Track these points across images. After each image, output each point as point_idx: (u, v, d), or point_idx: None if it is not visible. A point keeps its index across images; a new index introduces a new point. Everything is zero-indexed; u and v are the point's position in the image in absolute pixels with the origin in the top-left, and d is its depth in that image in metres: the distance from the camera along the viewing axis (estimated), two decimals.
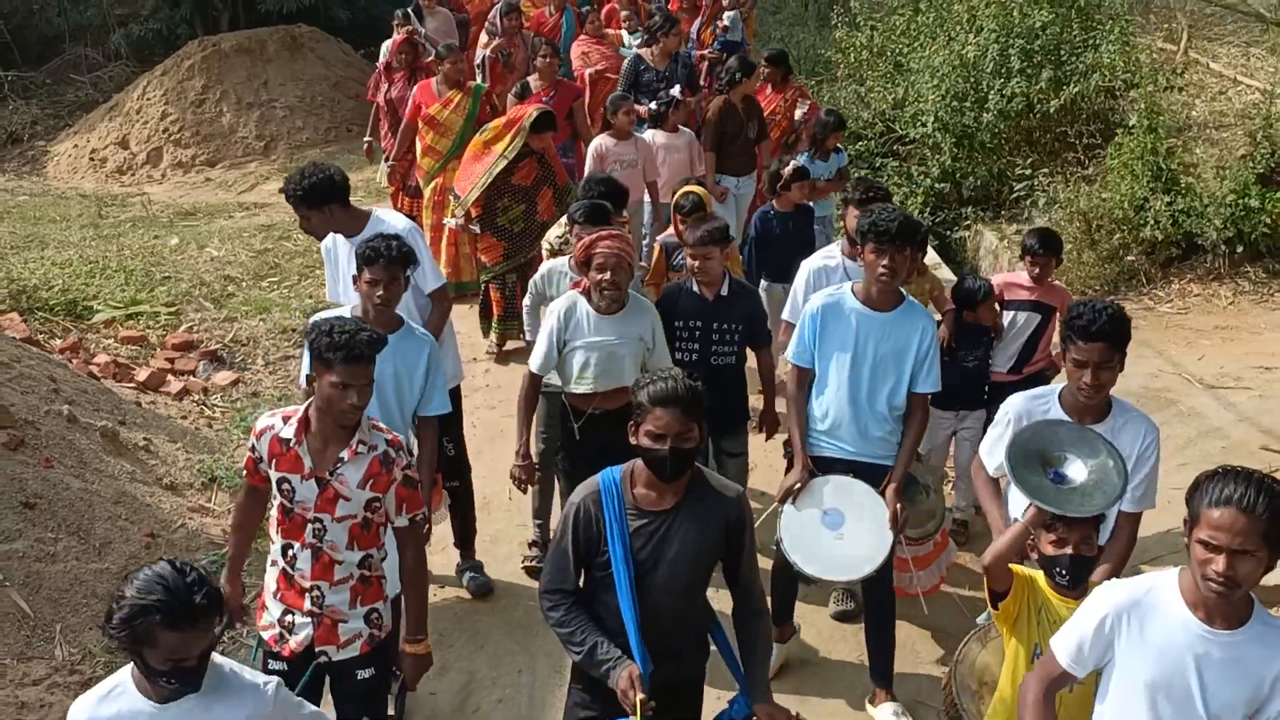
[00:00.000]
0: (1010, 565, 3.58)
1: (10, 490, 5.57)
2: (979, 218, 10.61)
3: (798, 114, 9.54)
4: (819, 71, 13.04)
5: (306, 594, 3.80)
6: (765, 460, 6.56)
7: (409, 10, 10.98)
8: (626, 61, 9.55)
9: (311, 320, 4.21)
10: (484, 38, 10.43)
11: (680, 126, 8.47)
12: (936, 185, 10.71)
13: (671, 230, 6.62)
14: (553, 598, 3.50)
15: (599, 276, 4.97)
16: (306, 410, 3.76)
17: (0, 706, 4.63)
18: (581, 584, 3.56)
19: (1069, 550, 3.50)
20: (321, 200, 5.19)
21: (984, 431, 5.42)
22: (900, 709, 4.92)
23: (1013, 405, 4.19)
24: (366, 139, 10.49)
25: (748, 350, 5.65)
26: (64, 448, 6.02)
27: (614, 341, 5.06)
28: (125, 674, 3.03)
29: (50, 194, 12.90)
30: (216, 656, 3.08)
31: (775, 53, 9.73)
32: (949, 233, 10.73)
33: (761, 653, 3.64)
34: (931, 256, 9.00)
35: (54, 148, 14.40)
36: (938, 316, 5.91)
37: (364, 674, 3.87)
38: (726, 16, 11.59)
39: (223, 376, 7.85)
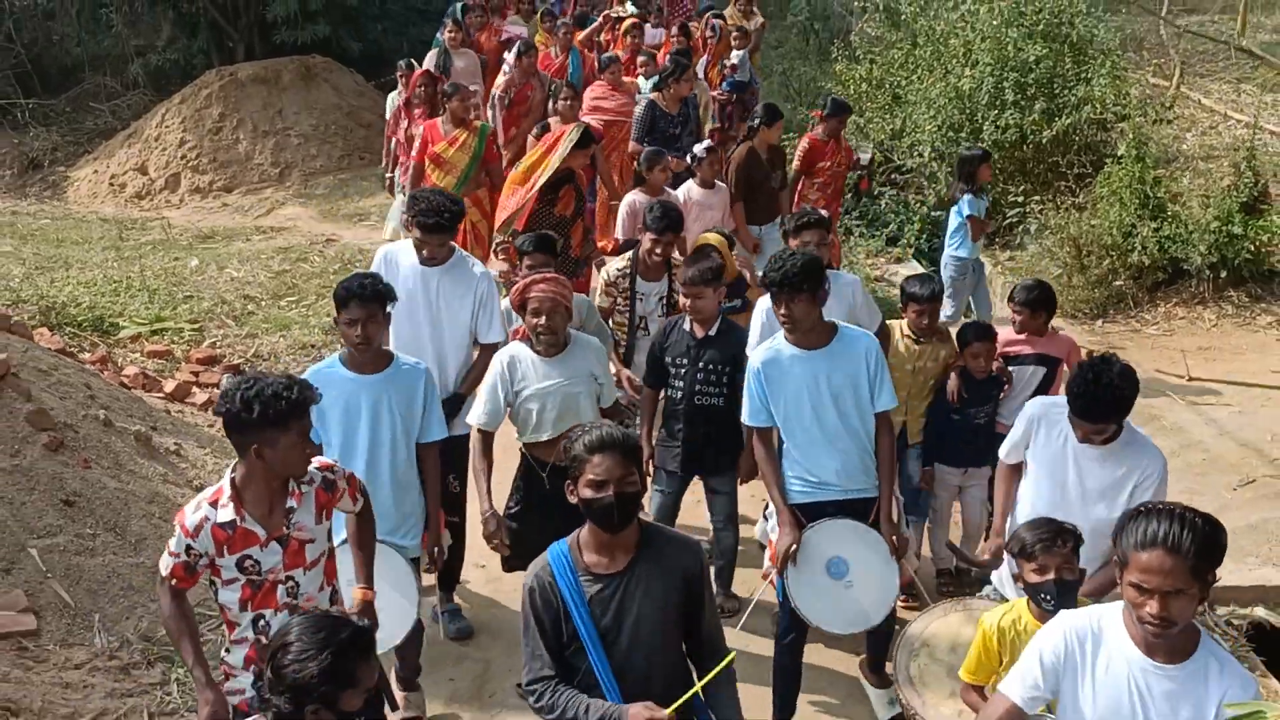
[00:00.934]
0: (985, 647, 3.77)
1: (51, 488, 5.89)
2: None
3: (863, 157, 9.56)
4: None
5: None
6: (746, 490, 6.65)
7: (411, 61, 10.87)
8: (640, 108, 9.45)
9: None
10: (501, 78, 10.38)
11: (716, 181, 8.11)
12: (933, 213, 11.05)
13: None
14: (536, 687, 3.36)
15: (534, 321, 4.91)
16: (233, 484, 3.64)
17: (48, 686, 4.92)
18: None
19: (1051, 576, 3.58)
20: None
21: (990, 490, 5.64)
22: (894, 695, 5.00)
23: (1033, 407, 4.41)
24: (388, 175, 10.55)
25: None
26: (100, 450, 6.34)
27: (566, 382, 4.98)
28: None
29: (71, 218, 13.27)
30: None
31: (838, 101, 9.28)
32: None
33: (730, 696, 3.52)
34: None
35: (74, 173, 14.79)
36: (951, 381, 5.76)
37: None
38: (735, 55, 11.84)
39: None
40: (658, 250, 6.25)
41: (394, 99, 10.72)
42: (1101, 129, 11.08)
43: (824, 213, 6.11)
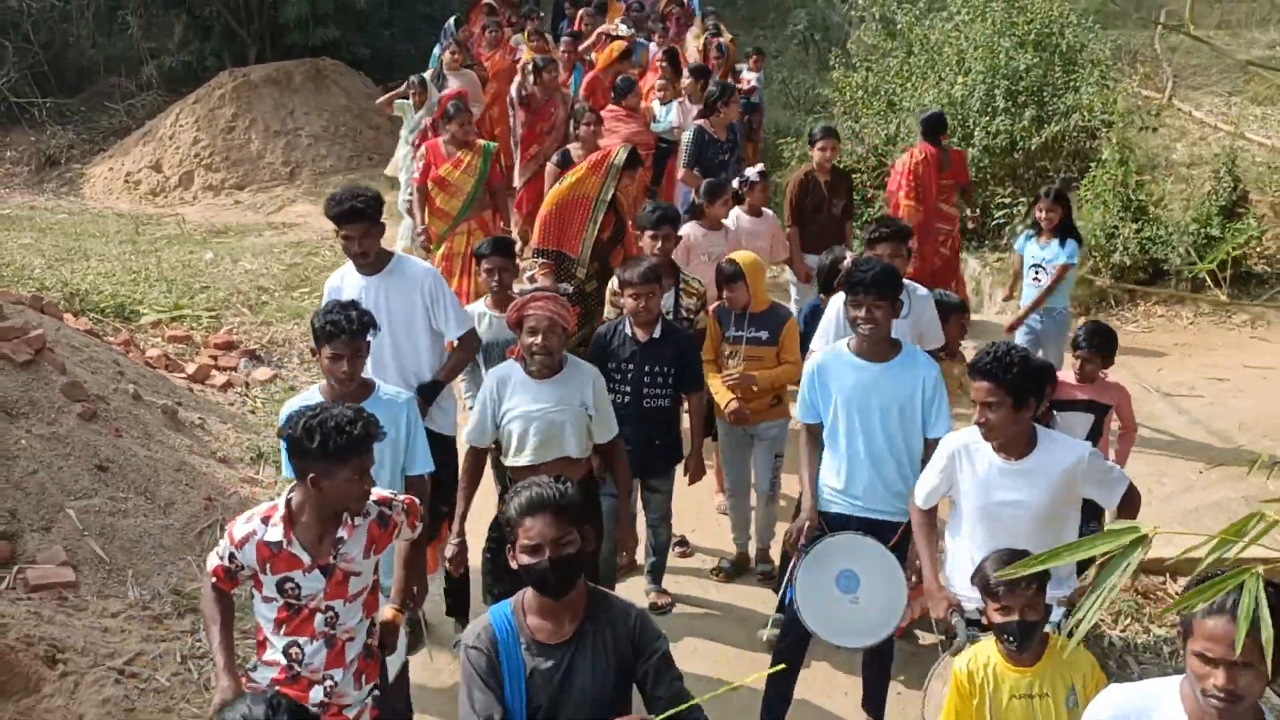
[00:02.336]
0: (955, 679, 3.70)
1: (86, 455, 6.23)
2: (965, 247, 11.31)
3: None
4: (817, 110, 13.81)
5: (316, 686, 3.67)
6: (695, 509, 6.78)
7: (424, 77, 10.75)
8: (689, 134, 9.01)
9: (286, 415, 3.97)
10: (514, 92, 10.23)
11: (763, 209, 7.76)
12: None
13: (722, 297, 6.17)
14: None
15: (530, 340, 4.77)
16: (288, 505, 3.59)
17: (88, 630, 5.27)
18: None
19: (1015, 617, 3.50)
20: (379, 215, 5.26)
21: None
22: None
23: (950, 443, 4.17)
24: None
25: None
26: (130, 421, 6.69)
27: (552, 408, 4.82)
28: None
29: (88, 213, 13.64)
30: None
31: (932, 115, 9.10)
32: None
33: None
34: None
35: (90, 170, 15.16)
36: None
37: None
38: (753, 78, 11.90)
39: (262, 373, 8.53)
40: (658, 245, 6.11)
41: (409, 115, 10.54)
42: (1090, 136, 11.47)
43: (905, 224, 5.92)
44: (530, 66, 10.20)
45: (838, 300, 5.46)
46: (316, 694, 3.65)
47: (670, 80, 10.23)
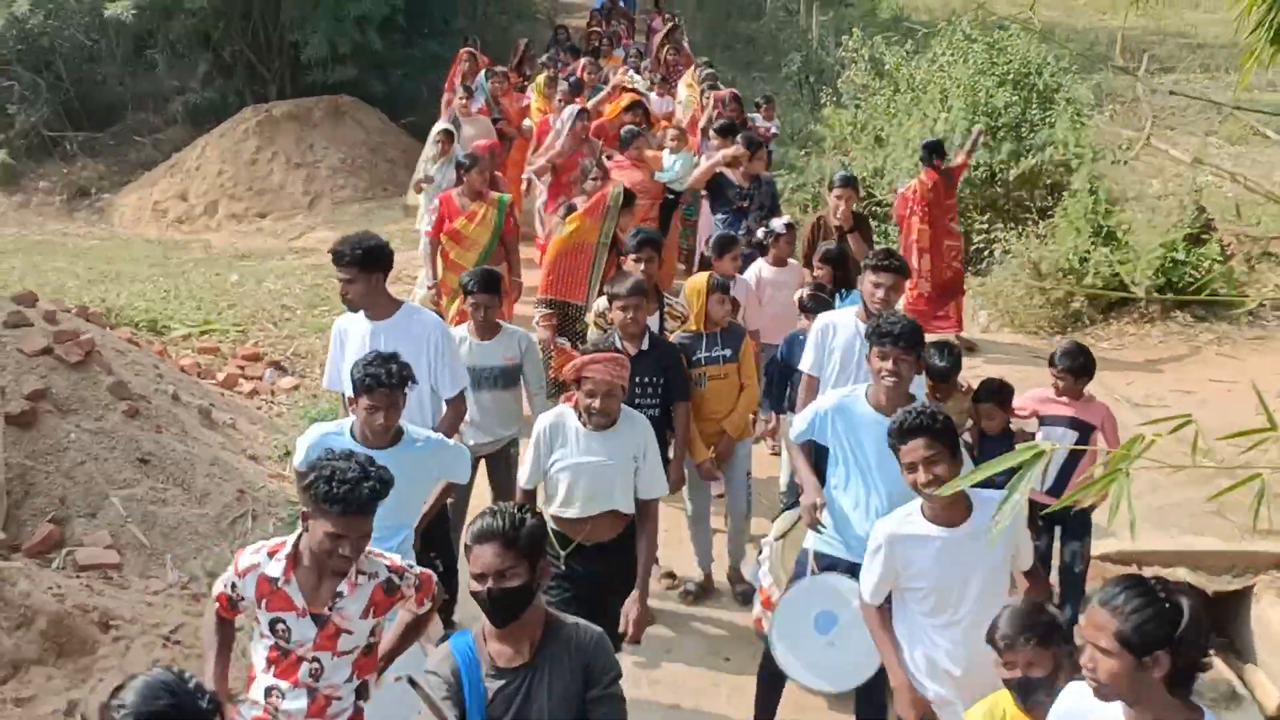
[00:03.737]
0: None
1: (130, 448, 6.84)
2: None
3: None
4: (809, 146, 14.49)
5: None
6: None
7: (449, 128, 10.57)
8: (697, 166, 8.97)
9: (309, 455, 4.12)
10: (550, 139, 9.93)
11: (789, 260, 7.61)
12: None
13: (694, 324, 6.25)
14: None
15: (588, 401, 4.70)
16: (296, 543, 3.56)
17: (134, 603, 5.84)
18: None
19: (1018, 673, 3.50)
20: (374, 266, 5.19)
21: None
22: None
23: (880, 535, 4.06)
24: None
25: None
26: (170, 419, 7.30)
27: (605, 461, 4.75)
28: None
29: (118, 239, 14.36)
30: None
31: (932, 141, 9.67)
32: None
33: None
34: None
35: (119, 200, 15.90)
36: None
37: None
38: (770, 126, 12.08)
39: (286, 382, 9.14)
40: (641, 268, 6.23)
41: (430, 166, 10.22)
42: (1067, 170, 12.12)
43: (904, 261, 5.81)
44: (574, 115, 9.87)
45: (820, 320, 5.67)
46: None
47: (681, 129, 10.20)
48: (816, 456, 5.03)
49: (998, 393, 5.65)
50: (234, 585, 3.62)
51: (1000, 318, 10.66)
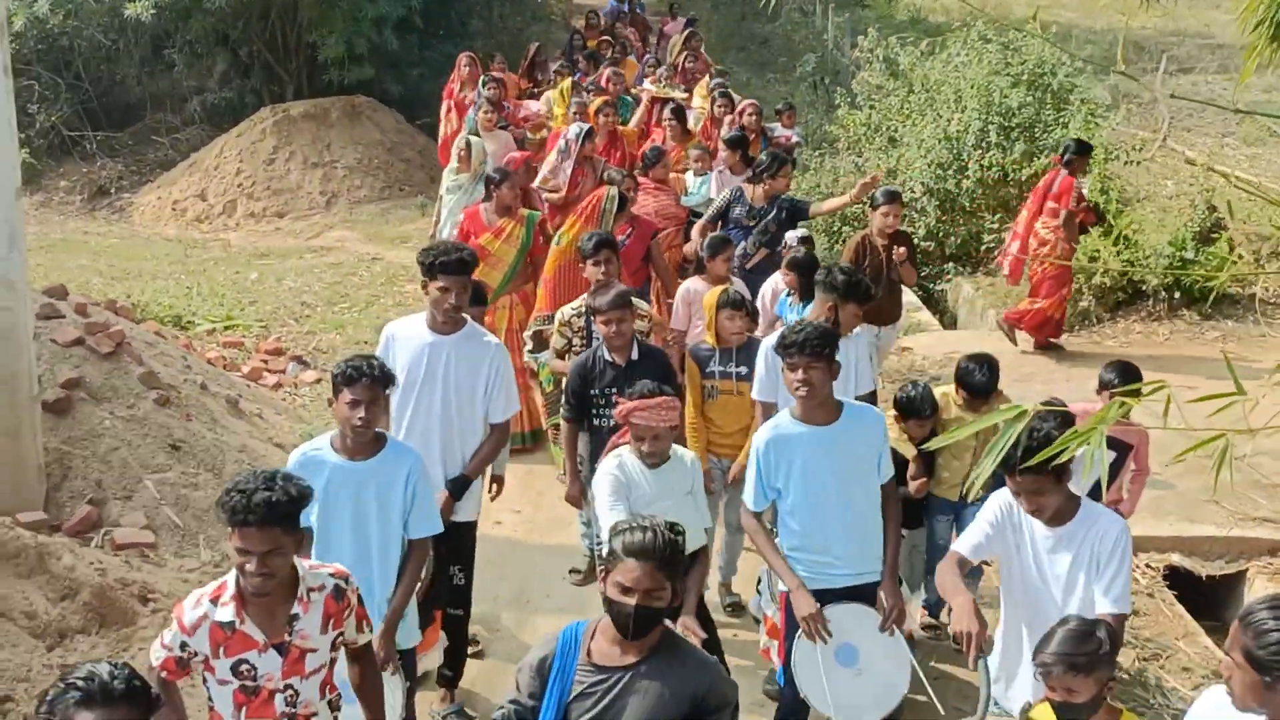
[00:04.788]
0: None
1: (161, 435, 7.02)
2: (959, 272, 12.08)
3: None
4: (823, 146, 14.63)
5: None
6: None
7: (470, 140, 9.79)
8: (725, 192, 8.49)
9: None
10: (553, 157, 9.39)
11: None
12: (922, 243, 12.17)
13: (707, 337, 6.19)
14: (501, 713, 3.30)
15: (638, 445, 4.76)
16: (237, 582, 3.45)
17: (171, 579, 6.03)
18: None
19: (1057, 697, 3.51)
20: (473, 273, 5.22)
21: None
22: None
23: (998, 501, 4.13)
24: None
25: None
26: (199, 408, 7.47)
27: (671, 504, 4.67)
28: None
29: (138, 238, 14.54)
30: None
31: (1075, 142, 9.53)
32: (933, 286, 12.20)
33: None
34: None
35: (139, 199, 16.09)
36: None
37: None
38: (791, 134, 11.99)
39: (309, 375, 9.32)
40: (601, 271, 6.20)
41: (450, 175, 9.70)
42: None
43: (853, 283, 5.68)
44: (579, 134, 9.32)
45: (768, 341, 5.45)
46: None
47: (706, 148, 9.79)
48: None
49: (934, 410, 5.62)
50: (184, 645, 3.45)
51: None
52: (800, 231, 7.61)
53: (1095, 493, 5.33)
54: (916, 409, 5.59)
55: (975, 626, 3.94)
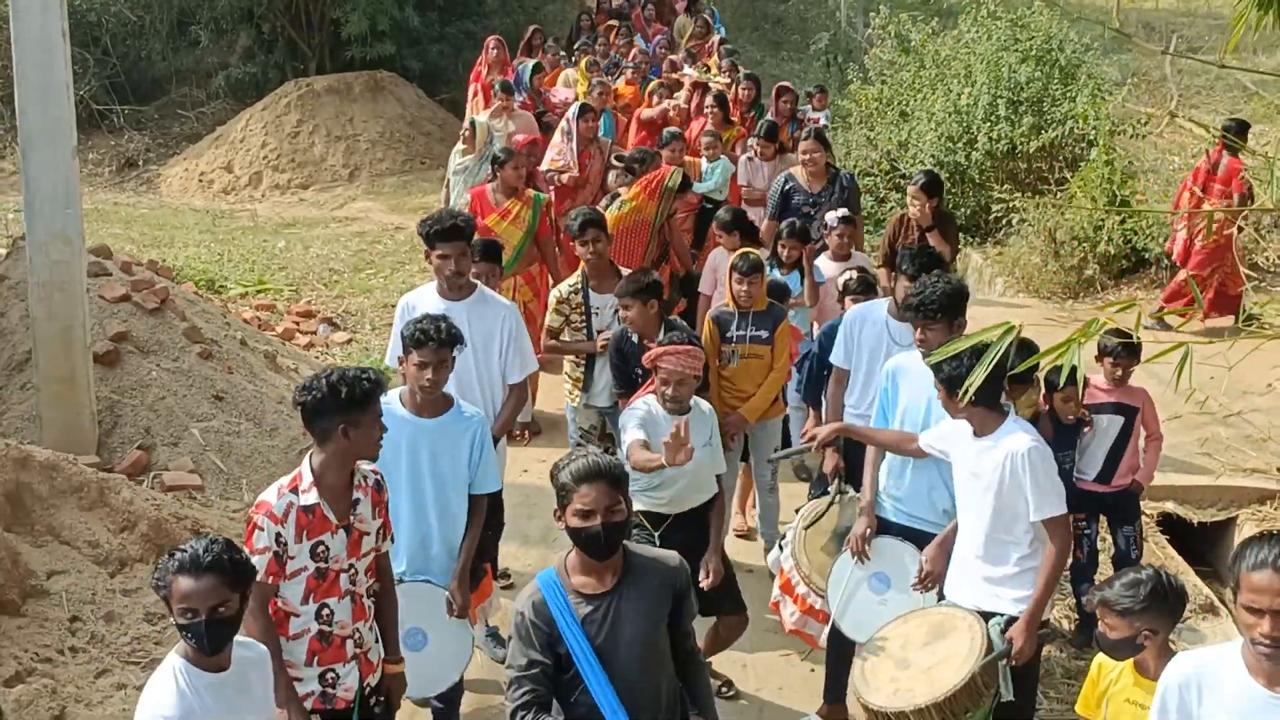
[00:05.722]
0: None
1: (205, 386, 7.40)
2: (968, 242, 12.35)
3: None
4: (836, 120, 14.92)
5: (347, 640, 3.93)
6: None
7: (475, 120, 9.87)
8: (775, 182, 8.31)
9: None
10: (556, 138, 9.37)
11: (853, 252, 7.43)
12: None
13: (726, 300, 6.26)
14: (521, 712, 3.36)
15: (663, 389, 4.96)
16: (312, 470, 3.82)
17: (218, 517, 6.41)
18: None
19: (1101, 629, 3.78)
20: (471, 238, 5.40)
21: (1076, 541, 5.67)
22: None
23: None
24: None
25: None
26: (239, 361, 7.85)
27: (700, 453, 4.84)
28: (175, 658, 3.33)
29: (167, 208, 14.93)
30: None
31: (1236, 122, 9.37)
32: None
33: (703, 678, 3.75)
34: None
35: (166, 171, 16.48)
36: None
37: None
38: (820, 116, 12.03)
39: (339, 336, 9.70)
40: (589, 252, 6.33)
41: (457, 156, 9.69)
42: (1088, 144, 12.52)
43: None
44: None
45: (851, 312, 5.73)
46: (348, 650, 3.92)
47: (717, 134, 9.60)
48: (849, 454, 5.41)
49: (1071, 375, 5.76)
50: (278, 537, 3.75)
51: (1016, 284, 11.11)
52: (840, 211, 7.54)
53: (1113, 460, 5.78)
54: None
55: (940, 567, 4.62)
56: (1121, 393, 5.76)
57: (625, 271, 6.44)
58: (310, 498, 3.78)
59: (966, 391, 3.89)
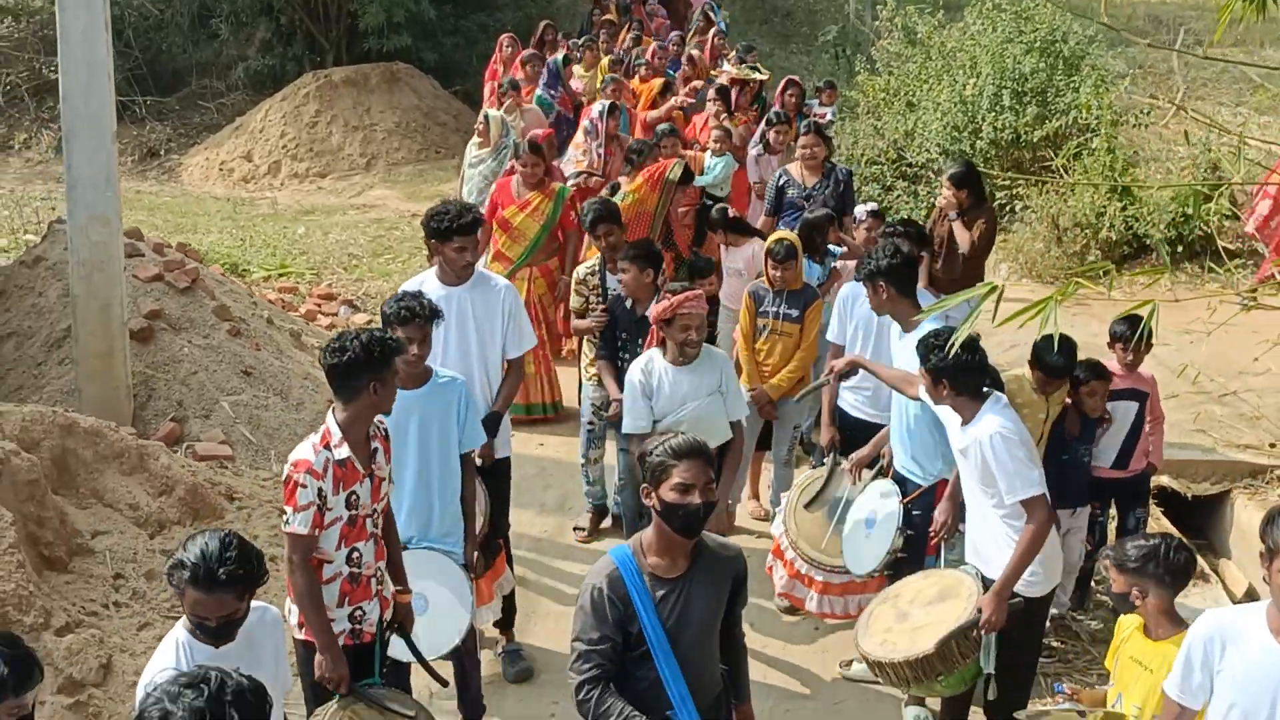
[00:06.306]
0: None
1: (234, 362, 7.70)
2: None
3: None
4: (844, 110, 15.17)
5: (371, 579, 4.23)
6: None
7: (489, 113, 9.64)
8: (771, 179, 8.43)
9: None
10: (580, 137, 9.51)
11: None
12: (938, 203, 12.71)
13: (762, 278, 6.62)
14: (586, 688, 3.43)
15: (682, 336, 5.22)
16: (340, 425, 4.07)
17: (249, 484, 6.72)
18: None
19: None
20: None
21: (1089, 527, 6.01)
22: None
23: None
24: None
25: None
26: (266, 339, 8.16)
27: (699, 405, 5.26)
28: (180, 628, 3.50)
29: (189, 196, 15.27)
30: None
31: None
32: None
33: (746, 663, 3.87)
34: None
35: (187, 160, 16.80)
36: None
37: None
38: (826, 112, 12.32)
39: (360, 318, 10.00)
40: (603, 245, 6.63)
41: (472, 149, 9.51)
42: (1092, 134, 12.76)
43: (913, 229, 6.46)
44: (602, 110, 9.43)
45: (844, 290, 6.09)
46: (371, 589, 4.23)
47: (726, 129, 9.52)
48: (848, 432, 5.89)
49: (1101, 371, 5.67)
50: (319, 491, 3.97)
51: (1020, 269, 11.36)
52: (871, 205, 7.71)
53: (1129, 446, 5.92)
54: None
55: (947, 515, 4.99)
56: (1134, 379, 5.90)
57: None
58: (343, 451, 4.03)
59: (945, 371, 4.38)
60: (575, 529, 6.85)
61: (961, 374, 4.46)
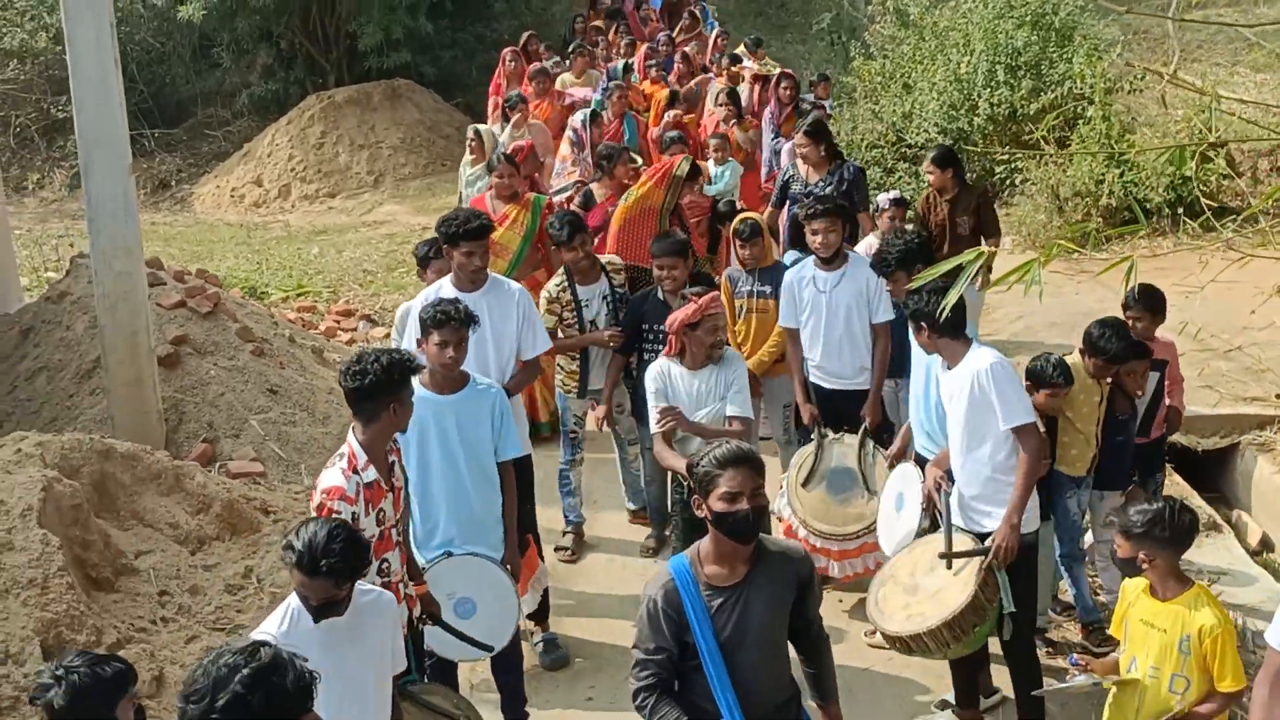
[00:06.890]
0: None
1: (260, 381, 7.92)
2: None
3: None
4: (841, 96, 15.32)
5: (399, 585, 4.34)
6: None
7: (478, 129, 9.71)
8: (779, 176, 8.62)
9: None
10: (565, 148, 9.40)
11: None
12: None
13: (735, 263, 6.87)
14: (643, 695, 3.52)
15: (711, 338, 5.35)
16: (364, 445, 4.22)
17: (283, 499, 6.93)
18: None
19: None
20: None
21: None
22: None
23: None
24: None
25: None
26: (289, 357, 8.38)
27: (707, 410, 5.35)
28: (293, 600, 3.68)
29: (202, 224, 15.54)
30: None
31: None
32: None
33: (829, 662, 3.82)
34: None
35: (198, 189, 17.08)
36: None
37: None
38: (827, 104, 12.31)
39: (378, 332, 10.22)
40: (578, 256, 6.53)
41: (467, 168, 9.56)
42: (1088, 103, 12.88)
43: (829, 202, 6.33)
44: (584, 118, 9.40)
45: (788, 276, 6.36)
46: (401, 591, 4.34)
47: (725, 137, 9.61)
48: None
49: (1142, 350, 5.66)
50: (354, 516, 4.08)
51: (1023, 241, 11.50)
52: (893, 193, 7.68)
53: (1151, 413, 6.00)
54: (1047, 378, 5.33)
55: (936, 474, 5.13)
56: (1155, 347, 5.85)
57: (616, 260, 6.84)
58: (370, 474, 4.19)
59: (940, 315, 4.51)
60: (556, 549, 6.77)
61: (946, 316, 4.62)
